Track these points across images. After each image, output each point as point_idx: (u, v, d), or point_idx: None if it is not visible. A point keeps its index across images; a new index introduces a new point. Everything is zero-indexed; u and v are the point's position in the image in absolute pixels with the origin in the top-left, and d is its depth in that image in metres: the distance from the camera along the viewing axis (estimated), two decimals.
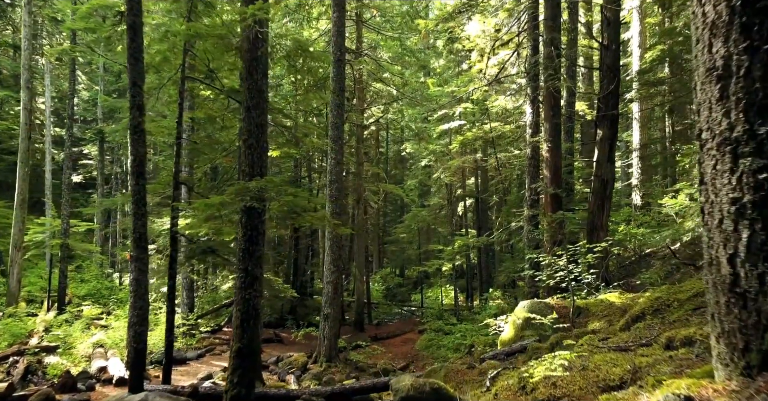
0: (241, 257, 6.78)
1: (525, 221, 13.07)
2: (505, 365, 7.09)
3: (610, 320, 7.26)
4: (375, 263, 38.24)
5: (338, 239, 14.36)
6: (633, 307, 7.41)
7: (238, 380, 6.42)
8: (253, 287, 6.72)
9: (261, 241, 6.86)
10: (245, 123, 6.96)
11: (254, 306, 6.68)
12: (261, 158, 6.90)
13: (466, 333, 16.52)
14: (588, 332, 6.61)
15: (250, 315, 6.63)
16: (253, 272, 6.74)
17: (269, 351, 16.28)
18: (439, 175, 25.30)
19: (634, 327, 5.16)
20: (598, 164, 12.20)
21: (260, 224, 6.83)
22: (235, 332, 6.59)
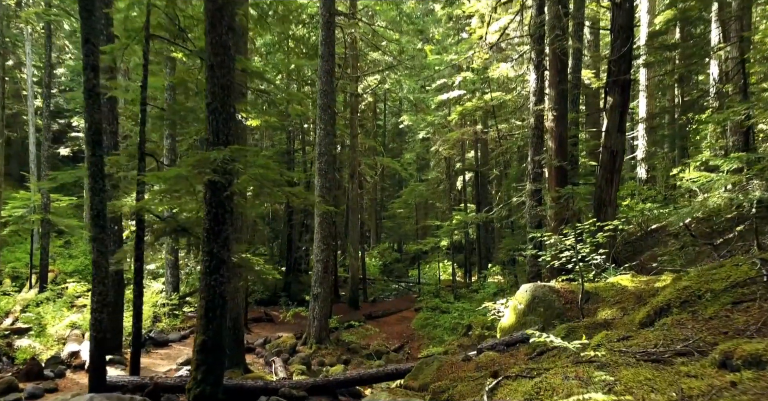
0: (205, 238, 5.94)
1: (527, 196, 12.21)
2: (504, 357, 6.33)
3: (624, 307, 6.47)
4: (372, 238, 37.57)
5: (329, 215, 13.53)
6: (649, 293, 6.62)
7: (203, 377, 5.66)
8: (219, 272, 5.90)
9: (228, 220, 6.01)
10: (209, 84, 6.03)
11: (221, 293, 5.88)
12: (226, 124, 5.99)
13: (463, 313, 15.86)
14: (600, 323, 5.82)
15: (216, 303, 5.83)
16: (219, 255, 5.91)
17: (258, 331, 15.64)
18: (437, 148, 24.34)
19: (660, 323, 4.35)
20: (607, 133, 11.28)
21: (227, 200, 5.97)
22: (198, 323, 5.81)
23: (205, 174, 5.42)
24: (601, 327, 5.74)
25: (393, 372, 7.23)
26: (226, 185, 5.84)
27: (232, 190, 5.61)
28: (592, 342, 4.44)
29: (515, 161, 23.17)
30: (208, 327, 5.79)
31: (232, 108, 6.10)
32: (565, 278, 8.62)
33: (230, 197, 6.03)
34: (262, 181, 5.78)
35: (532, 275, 11.78)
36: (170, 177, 5.52)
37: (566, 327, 6.06)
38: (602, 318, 6.40)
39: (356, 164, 20.57)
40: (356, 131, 20.86)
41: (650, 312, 4.80)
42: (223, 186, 5.86)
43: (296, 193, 6.22)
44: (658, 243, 13.40)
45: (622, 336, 4.22)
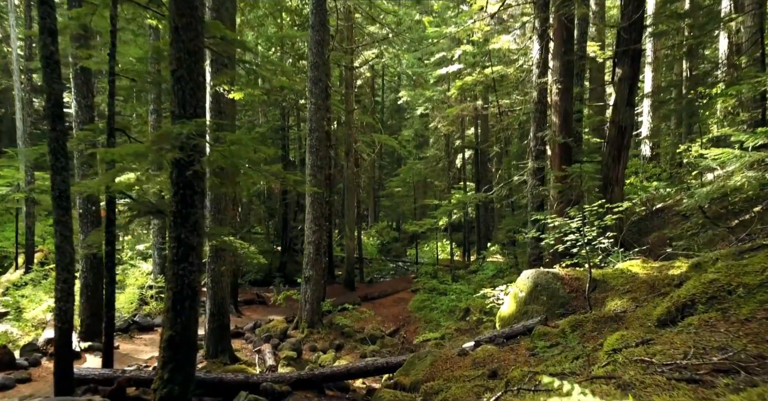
0: (172, 222, 5.32)
1: (529, 174, 11.57)
2: (504, 353, 5.79)
3: (635, 298, 5.90)
4: (370, 217, 37.00)
5: (321, 195, 12.91)
6: (664, 281, 6.04)
7: (170, 376, 5.10)
8: (188, 260, 5.30)
9: (198, 202, 5.38)
10: (173, 49, 5.33)
11: (190, 283, 5.29)
12: (194, 94, 5.31)
13: (461, 295, 15.37)
14: (610, 317, 5.25)
15: (184, 295, 5.25)
16: (187, 241, 5.31)
17: (249, 314, 15.17)
18: (436, 124, 23.57)
19: (685, 324, 3.77)
20: (615, 108, 10.58)
21: (196, 180, 5.33)
22: (165, 317, 5.24)
23: (167, 151, 4.77)
24: (611, 322, 5.17)
25: (383, 365, 6.71)
26: (191, 163, 5.20)
27: (200, 169, 4.96)
28: (606, 344, 3.86)
29: (516, 138, 22.43)
30: (176, 321, 5.22)
31: (200, 77, 5.42)
32: (569, 262, 8.05)
33: (200, 177, 5.40)
34: (232, 159, 5.14)
35: (533, 258, 11.23)
36: (127, 154, 4.88)
37: (572, 320, 5.50)
38: (612, 310, 5.83)
39: (352, 142, 19.85)
40: (352, 106, 20.07)
41: (671, 307, 4.21)
42: (191, 165, 5.22)
43: (276, 172, 5.58)
44: (665, 224, 12.80)
45: (641, 338, 3.63)
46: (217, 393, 6.85)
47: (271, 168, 5.62)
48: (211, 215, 9.74)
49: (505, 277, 14.71)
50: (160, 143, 4.81)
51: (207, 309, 9.81)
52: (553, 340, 5.40)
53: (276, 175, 5.69)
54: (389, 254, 30.50)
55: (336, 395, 6.86)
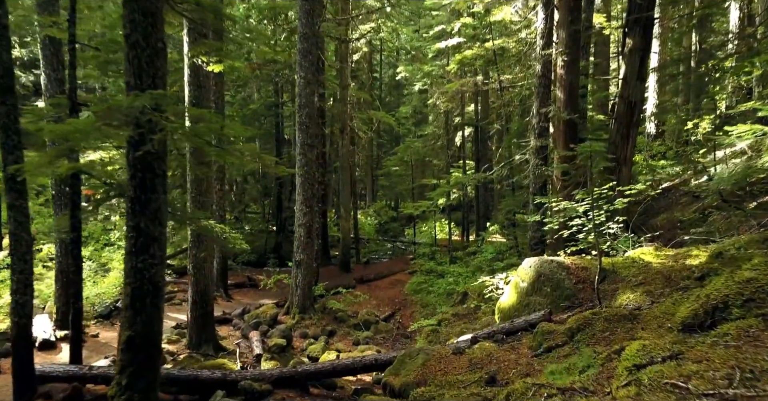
0: (129, 209, 4.70)
1: (531, 153, 10.91)
2: (504, 352, 5.23)
3: (650, 291, 5.32)
4: (368, 196, 36.38)
5: (312, 174, 12.27)
6: (681, 273, 5.45)
7: (129, 382, 4.55)
8: (149, 252, 4.70)
9: (160, 186, 4.75)
10: (126, 10, 4.63)
11: (151, 278, 4.69)
12: (152, 63, 4.63)
13: (459, 277, 14.86)
14: (624, 315, 4.66)
15: (145, 291, 4.66)
16: (148, 230, 4.69)
17: (239, 297, 14.67)
18: (434, 100, 22.74)
19: (719, 333, 3.17)
20: (624, 81, 9.88)
21: (157, 161, 4.69)
22: (124, 315, 4.66)
23: (114, 127, 4.13)
24: (625, 321, 4.59)
25: (372, 362, 6.18)
26: (145, 141, 4.55)
27: (152, 148, 4.32)
28: (625, 356, 3.27)
29: (517, 115, 21.64)
30: (136, 320, 4.64)
31: (160, 42, 4.73)
32: (574, 249, 7.45)
33: (161, 158, 4.75)
34: (195, 138, 4.49)
35: (534, 242, 10.65)
36: (69, 131, 4.24)
37: (580, 318, 4.91)
38: (624, 305, 5.26)
39: (347, 119, 19.09)
40: (347, 81, 19.25)
41: (698, 309, 3.62)
42: (146, 144, 4.57)
43: (251, 153, 4.92)
44: (673, 204, 12.16)
45: (667, 350, 3.04)
46: (192, 391, 6.33)
47: (242, 148, 4.97)
48: (191, 197, 9.13)
49: (505, 259, 14.18)
50: (108, 118, 4.16)
51: (189, 296, 9.28)
52: (559, 340, 4.83)
53: (252, 155, 5.05)
54: (387, 234, 29.98)
55: (321, 393, 6.35)
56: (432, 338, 11.14)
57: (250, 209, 30.08)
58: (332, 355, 8.39)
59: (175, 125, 4.18)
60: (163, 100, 4.35)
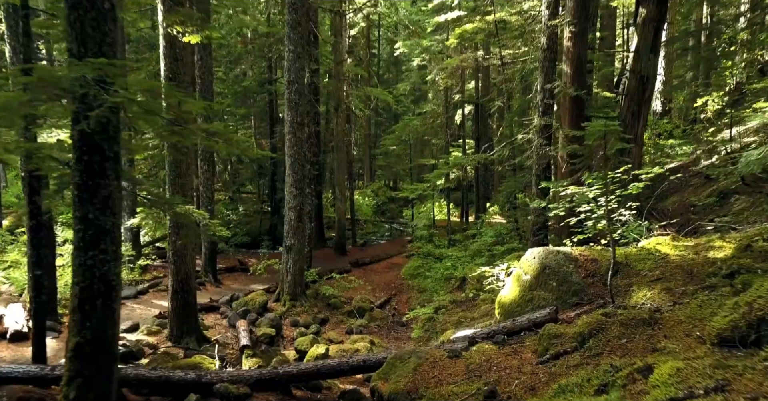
0: (76, 197, 4.08)
1: (534, 133, 10.23)
2: (505, 356, 4.67)
3: (670, 289, 4.74)
4: (366, 176, 35.69)
5: (302, 155, 11.61)
6: (704, 269, 4.87)
7: (78, 395, 3.98)
8: (99, 246, 4.10)
9: (111, 170, 4.12)
10: None
11: (103, 276, 4.10)
12: (98, 27, 3.96)
13: (457, 262, 14.31)
14: (642, 319, 4.09)
15: (95, 291, 4.07)
16: (98, 221, 4.08)
17: (229, 283, 14.15)
18: (434, 77, 21.91)
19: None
20: (636, 55, 9.15)
21: (107, 142, 4.06)
22: (72, 318, 4.09)
23: (43, 102, 3.49)
24: (644, 326, 4.02)
25: (359, 364, 5.64)
26: (103, 121, 3.91)
27: (87, 127, 3.68)
28: (653, 383, 2.69)
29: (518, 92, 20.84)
30: (85, 325, 4.06)
31: (107, 2, 4.04)
32: (581, 237, 6.85)
33: (112, 138, 4.12)
34: (144, 115, 3.85)
35: (537, 227, 10.06)
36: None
37: (592, 321, 4.34)
38: (639, 303, 4.68)
39: (342, 96, 18.33)
40: (342, 56, 18.42)
41: (739, 320, 3.04)
42: (96, 123, 3.93)
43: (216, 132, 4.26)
44: (683, 186, 11.54)
45: (710, 379, 2.46)
46: (164, 393, 5.82)
47: (200, 127, 4.32)
48: (169, 180, 8.51)
49: (506, 243, 13.61)
50: (40, 91, 3.51)
51: (169, 285, 8.72)
52: (568, 346, 4.27)
53: (217, 136, 4.41)
54: (385, 215, 29.39)
55: (305, 396, 5.83)
56: (428, 327, 10.65)
57: (246, 190, 29.46)
58: (321, 348, 7.88)
59: (119, 99, 3.53)
60: (110, 70, 3.69)
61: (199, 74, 12.99)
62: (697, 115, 19.22)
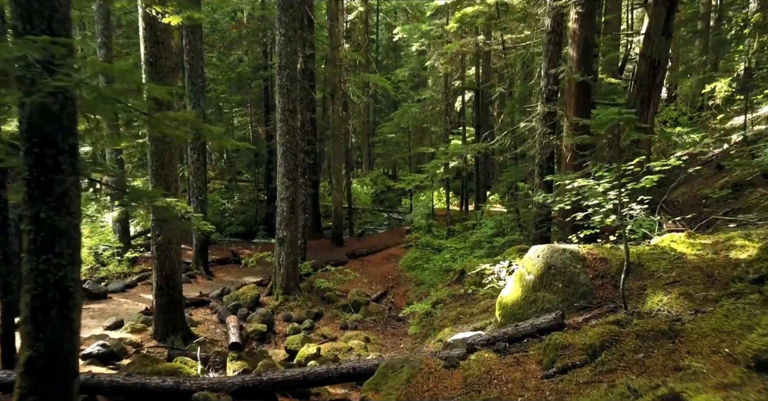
0: (27, 195, 3.64)
1: (538, 120, 9.74)
2: (506, 367, 4.26)
3: (689, 293, 4.31)
4: (365, 164, 35.16)
5: (295, 143, 11.13)
6: (726, 272, 4.43)
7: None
8: (54, 249, 3.66)
9: (66, 164, 3.67)
10: None
11: (58, 282, 3.67)
12: (46, 1, 3.48)
13: (456, 254, 13.90)
14: (661, 332, 3.66)
15: (49, 298, 3.64)
16: (51, 222, 3.64)
17: (222, 275, 13.76)
18: (433, 63, 21.30)
19: None
20: (647, 38, 8.65)
21: (60, 133, 3.60)
22: (23, 330, 3.66)
23: None
24: (663, 339, 3.59)
25: (349, 372, 5.23)
26: (58, 105, 3.45)
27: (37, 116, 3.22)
28: None
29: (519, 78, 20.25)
30: (38, 337, 3.64)
31: None
32: (588, 233, 6.42)
33: (68, 128, 3.66)
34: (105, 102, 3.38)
35: (540, 219, 9.62)
36: None
37: (604, 332, 3.91)
38: (655, 310, 4.26)
39: (338, 82, 17.77)
40: (338, 41, 17.83)
41: None
42: (48, 110, 3.47)
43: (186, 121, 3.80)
44: (690, 177, 11.08)
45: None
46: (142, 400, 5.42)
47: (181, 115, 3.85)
48: (152, 171, 8.05)
49: (506, 235, 13.18)
50: None
51: (153, 281, 8.31)
52: (577, 358, 3.85)
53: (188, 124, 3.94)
54: (383, 204, 28.94)
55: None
56: (425, 322, 10.27)
57: (243, 178, 28.97)
58: (312, 349, 7.48)
59: (63, 83, 3.07)
60: (56, 50, 3.22)
61: (187, 59, 12.47)
62: (705, 101, 18.70)
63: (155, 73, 7.65)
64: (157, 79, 7.66)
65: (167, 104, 7.80)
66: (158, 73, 7.67)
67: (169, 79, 7.87)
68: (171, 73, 7.91)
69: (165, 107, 7.78)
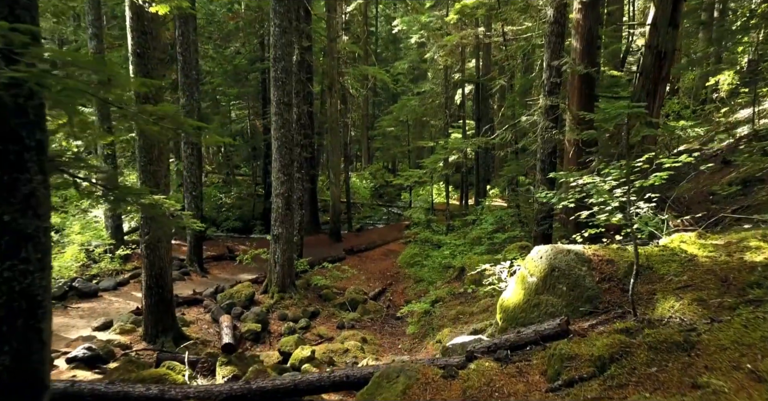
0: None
1: (540, 114, 9.45)
2: (508, 378, 4.01)
3: (703, 299, 4.04)
4: (364, 158, 34.86)
5: (290, 138, 10.84)
6: (741, 276, 4.17)
7: None
8: (19, 255, 3.38)
9: (32, 162, 3.39)
10: None
11: (24, 291, 3.39)
12: None
13: (456, 250, 13.64)
14: (676, 343, 3.40)
15: (15, 309, 3.36)
16: (16, 225, 3.36)
17: (216, 272, 13.51)
18: (433, 55, 20.95)
19: None
20: (653, 28, 8.32)
21: (28, 128, 3.32)
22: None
23: None
24: (679, 351, 3.33)
25: (342, 380, 4.97)
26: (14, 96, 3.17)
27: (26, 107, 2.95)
28: None
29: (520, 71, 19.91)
30: (2, 349, 3.36)
31: None
32: (593, 232, 6.15)
33: (33, 123, 3.38)
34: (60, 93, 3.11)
35: (542, 216, 9.35)
36: None
37: (614, 343, 3.65)
38: (666, 317, 3.99)
39: (335, 74, 17.45)
40: (336, 33, 17.50)
41: None
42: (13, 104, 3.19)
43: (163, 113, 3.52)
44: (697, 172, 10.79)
45: None
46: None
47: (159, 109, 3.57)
48: (140, 166, 7.77)
49: (507, 231, 12.92)
50: None
51: (143, 281, 8.06)
52: (584, 371, 3.59)
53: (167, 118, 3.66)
54: (382, 198, 28.67)
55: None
56: (424, 322, 10.03)
57: (241, 172, 28.68)
58: (306, 351, 7.23)
59: (20, 73, 2.78)
60: (15, 37, 2.93)
61: (180, 51, 12.15)
62: (708, 95, 18.38)
63: (143, 65, 7.36)
64: (144, 72, 7.37)
65: (155, 97, 7.52)
66: (146, 65, 7.38)
67: (159, 72, 7.57)
68: (160, 65, 7.61)
69: (153, 100, 7.50)
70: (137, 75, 7.29)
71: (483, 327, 7.16)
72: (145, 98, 7.41)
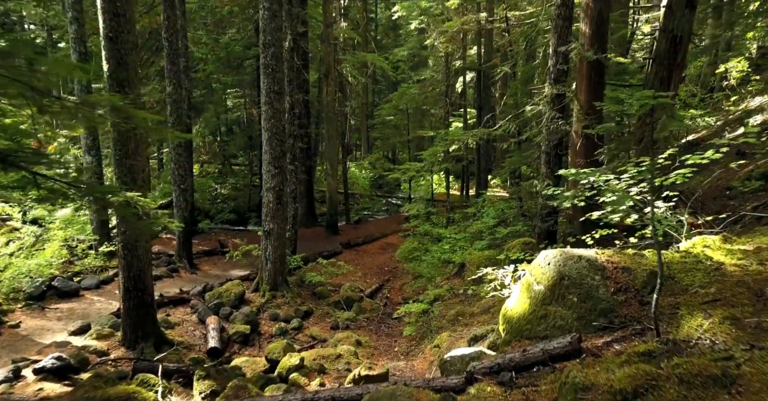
0: None
1: (545, 103, 8.86)
2: None
3: (736, 317, 3.52)
4: (364, 147, 34.25)
5: (282, 128, 10.27)
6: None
7: None
8: None
9: None
10: None
11: None
12: None
13: (456, 245, 13.12)
14: (711, 376, 2.88)
15: None
16: None
17: (207, 268, 13.01)
18: (433, 41, 20.28)
19: None
20: (668, 11, 7.73)
21: None
22: None
23: None
24: (716, 387, 2.82)
25: None
26: None
27: None
28: None
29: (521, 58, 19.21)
30: None
31: None
32: (605, 232, 5.62)
33: None
34: None
35: (546, 211, 8.81)
36: None
37: (637, 374, 3.13)
38: (693, 338, 3.48)
39: (332, 62, 16.81)
40: (332, 18, 16.84)
41: None
42: None
43: (107, 104, 2.99)
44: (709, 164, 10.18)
45: None
46: None
47: (102, 99, 3.03)
48: (116, 160, 7.23)
49: (509, 226, 12.38)
50: None
51: (120, 283, 7.55)
52: (604, 396, 3.09)
53: (121, 111, 3.12)
54: (382, 189, 28.11)
55: None
56: (422, 322, 9.53)
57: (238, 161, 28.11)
58: (295, 359, 6.74)
59: None
60: None
61: (166, 36, 11.54)
62: (717, 82, 17.74)
63: (116, 50, 6.78)
64: (117, 57, 6.80)
65: (130, 84, 6.96)
66: (119, 50, 6.80)
67: (133, 57, 6.99)
68: (135, 50, 7.03)
69: (128, 88, 6.94)
70: (109, 61, 6.72)
71: (484, 332, 6.66)
72: (120, 86, 6.87)
